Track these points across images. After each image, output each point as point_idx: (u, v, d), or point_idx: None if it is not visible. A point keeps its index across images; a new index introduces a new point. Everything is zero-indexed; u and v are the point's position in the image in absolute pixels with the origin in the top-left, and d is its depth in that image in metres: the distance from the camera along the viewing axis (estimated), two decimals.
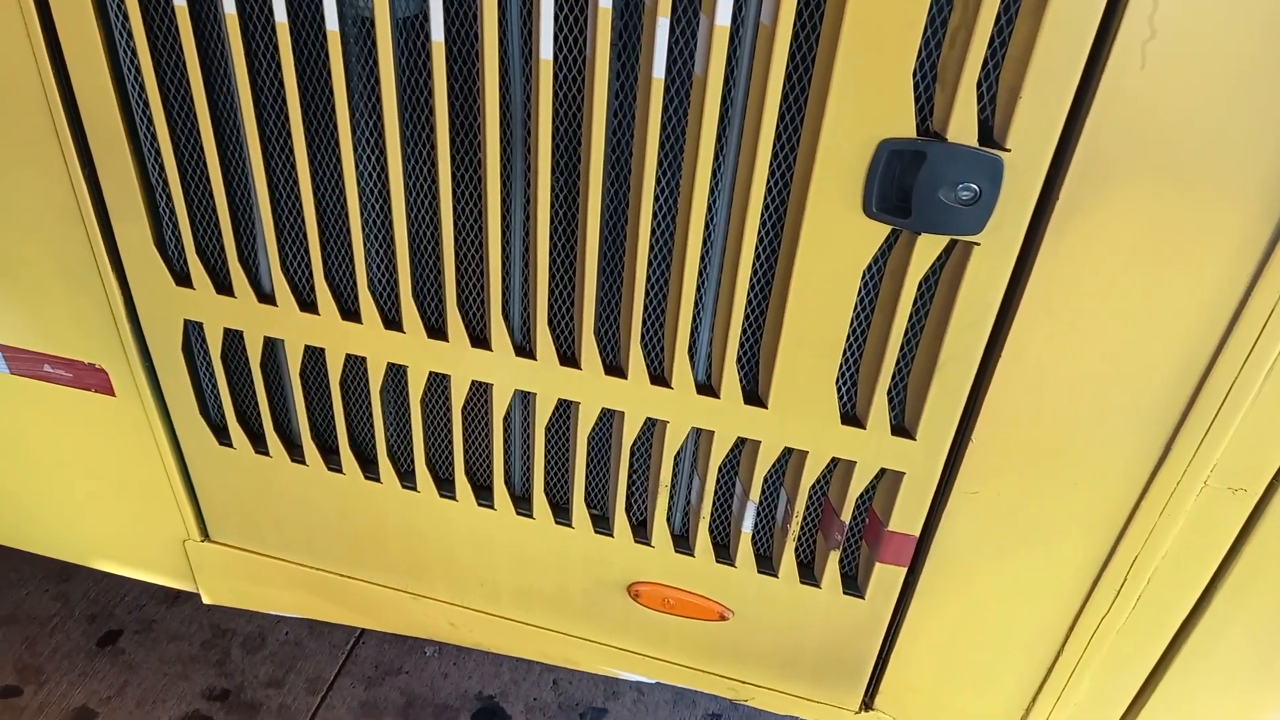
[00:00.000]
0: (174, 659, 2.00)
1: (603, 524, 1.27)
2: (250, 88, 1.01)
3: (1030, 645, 1.18)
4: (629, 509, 1.25)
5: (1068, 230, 0.86)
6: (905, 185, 0.86)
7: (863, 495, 1.12)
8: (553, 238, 1.04)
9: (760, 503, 1.17)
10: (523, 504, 1.29)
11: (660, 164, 0.95)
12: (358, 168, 1.04)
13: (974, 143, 0.83)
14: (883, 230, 0.90)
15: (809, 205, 0.90)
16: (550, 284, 1.07)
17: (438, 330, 1.14)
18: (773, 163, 0.91)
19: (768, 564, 1.23)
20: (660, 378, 1.09)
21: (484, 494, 1.29)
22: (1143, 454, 0.98)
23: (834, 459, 1.09)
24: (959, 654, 1.22)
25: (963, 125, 0.82)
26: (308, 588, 1.51)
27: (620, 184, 0.98)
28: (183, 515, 1.46)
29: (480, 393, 1.20)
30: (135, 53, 1.02)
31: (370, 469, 1.32)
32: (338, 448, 1.30)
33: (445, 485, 1.31)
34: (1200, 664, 1.12)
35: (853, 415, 1.05)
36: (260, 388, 1.26)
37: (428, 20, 0.92)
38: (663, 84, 0.89)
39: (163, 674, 1.97)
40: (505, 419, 1.19)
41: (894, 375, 1.00)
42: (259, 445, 1.34)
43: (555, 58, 0.92)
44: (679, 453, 1.15)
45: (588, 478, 1.24)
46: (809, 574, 1.22)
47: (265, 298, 1.17)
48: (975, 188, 0.84)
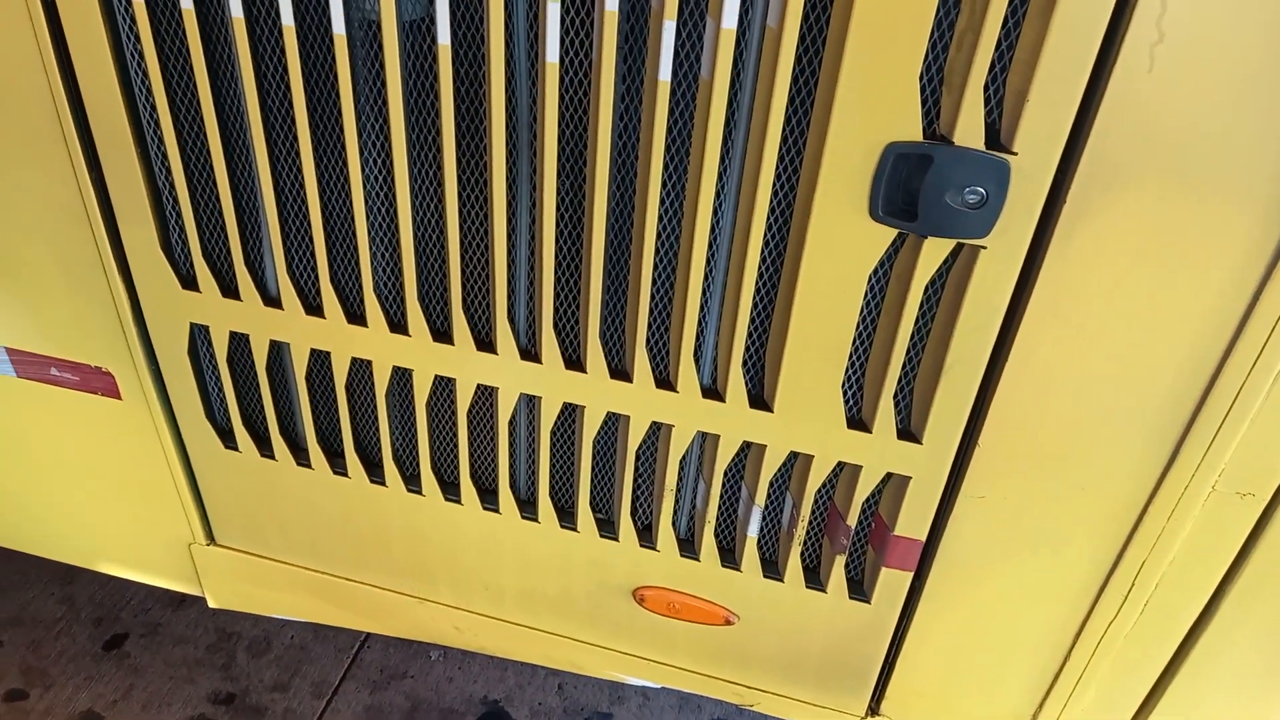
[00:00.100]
0: (179, 662, 2.00)
1: (608, 528, 1.27)
2: (256, 91, 1.01)
3: (1037, 650, 1.17)
4: (634, 513, 1.25)
5: (1075, 234, 0.86)
6: (912, 189, 0.86)
7: (869, 499, 1.12)
8: (558, 241, 1.04)
9: (766, 507, 1.17)
10: (528, 508, 1.29)
11: (666, 167, 0.95)
12: (363, 171, 1.04)
13: (981, 146, 0.82)
14: (889, 234, 0.90)
15: (815, 208, 0.90)
16: (556, 287, 1.07)
17: (443, 334, 1.14)
18: (779, 166, 0.91)
19: (773, 568, 1.23)
20: (666, 381, 1.09)
21: (489, 498, 1.29)
22: (1150, 458, 0.97)
23: (840, 463, 1.08)
24: (966, 658, 1.21)
25: (970, 128, 0.82)
26: (313, 591, 1.51)
27: (626, 187, 0.98)
28: (188, 518, 1.46)
29: (485, 396, 1.20)
30: (142, 55, 1.02)
31: (375, 473, 1.32)
32: (343, 451, 1.30)
33: (450, 489, 1.30)
34: (1208, 668, 1.12)
35: (859, 419, 1.05)
36: (266, 391, 1.26)
37: (434, 23, 0.92)
38: (669, 87, 0.89)
39: (168, 677, 1.97)
40: (510, 423, 1.19)
41: (900, 379, 1.00)
42: (264, 449, 1.34)
43: (561, 61, 0.92)
44: (684, 457, 1.15)
45: (593, 482, 1.24)
46: (815, 579, 1.21)
47: (271, 301, 1.17)
48: (982, 191, 0.84)
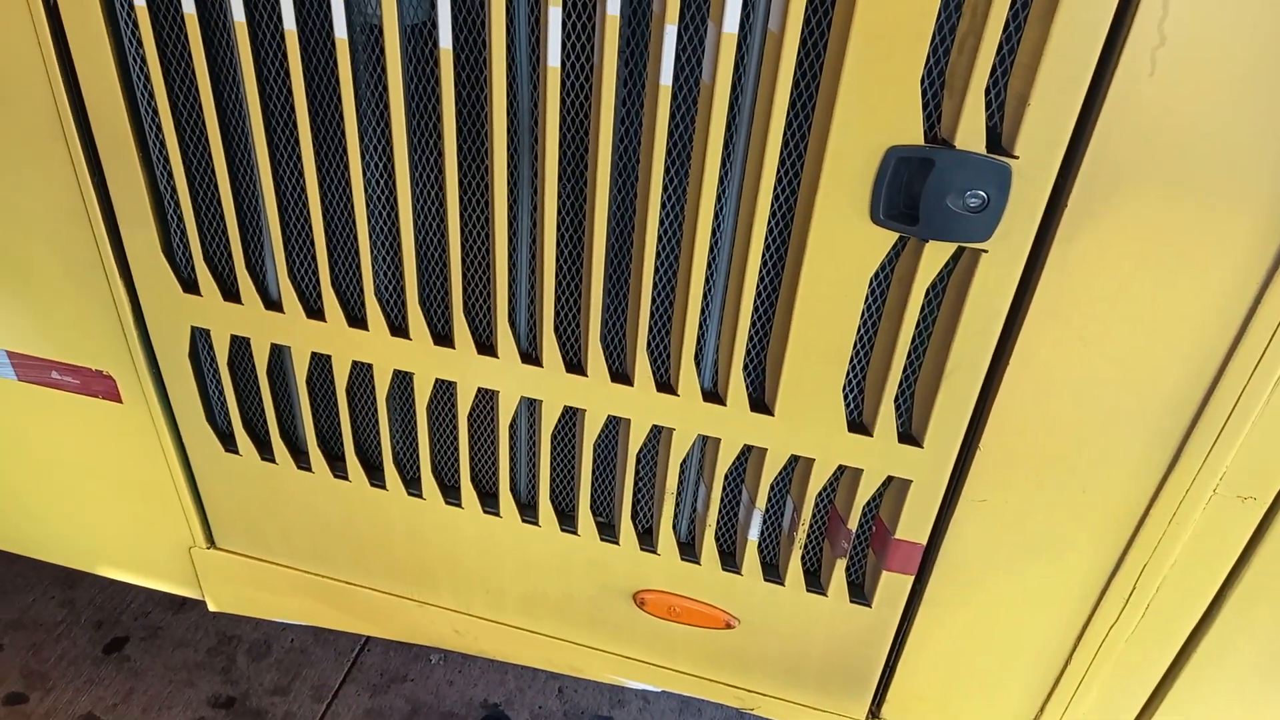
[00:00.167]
0: (180, 666, 2.00)
1: (608, 531, 1.27)
2: (258, 95, 1.01)
3: (1038, 654, 1.17)
4: (635, 516, 1.25)
5: (1076, 237, 0.86)
6: (913, 192, 0.86)
7: (870, 503, 1.12)
8: (559, 244, 1.04)
9: (766, 510, 1.17)
10: (528, 511, 1.29)
11: (667, 171, 0.95)
12: (365, 174, 1.04)
13: (982, 150, 0.82)
14: (890, 237, 0.90)
15: (816, 212, 0.90)
16: (557, 291, 1.07)
17: (444, 337, 1.14)
18: (780, 170, 0.91)
19: (774, 572, 1.23)
20: (666, 385, 1.09)
21: (489, 501, 1.29)
22: (1152, 461, 0.97)
23: (841, 466, 1.08)
24: (967, 662, 1.21)
25: (971, 132, 0.82)
26: (313, 595, 1.51)
27: (627, 191, 0.98)
28: (189, 522, 1.46)
29: (486, 400, 1.20)
30: (144, 59, 1.02)
31: (376, 476, 1.32)
32: (344, 455, 1.30)
33: (451, 492, 1.30)
34: (1210, 672, 1.12)
35: (860, 423, 1.05)
36: (267, 395, 1.26)
37: (436, 28, 0.92)
38: (670, 91, 0.89)
39: (168, 681, 1.97)
40: (511, 426, 1.19)
41: (901, 383, 1.00)
42: (265, 452, 1.34)
43: (563, 65, 0.92)
44: (685, 460, 1.15)
45: (593, 485, 1.24)
46: (815, 582, 1.21)
47: (272, 305, 1.17)
48: (983, 195, 0.84)
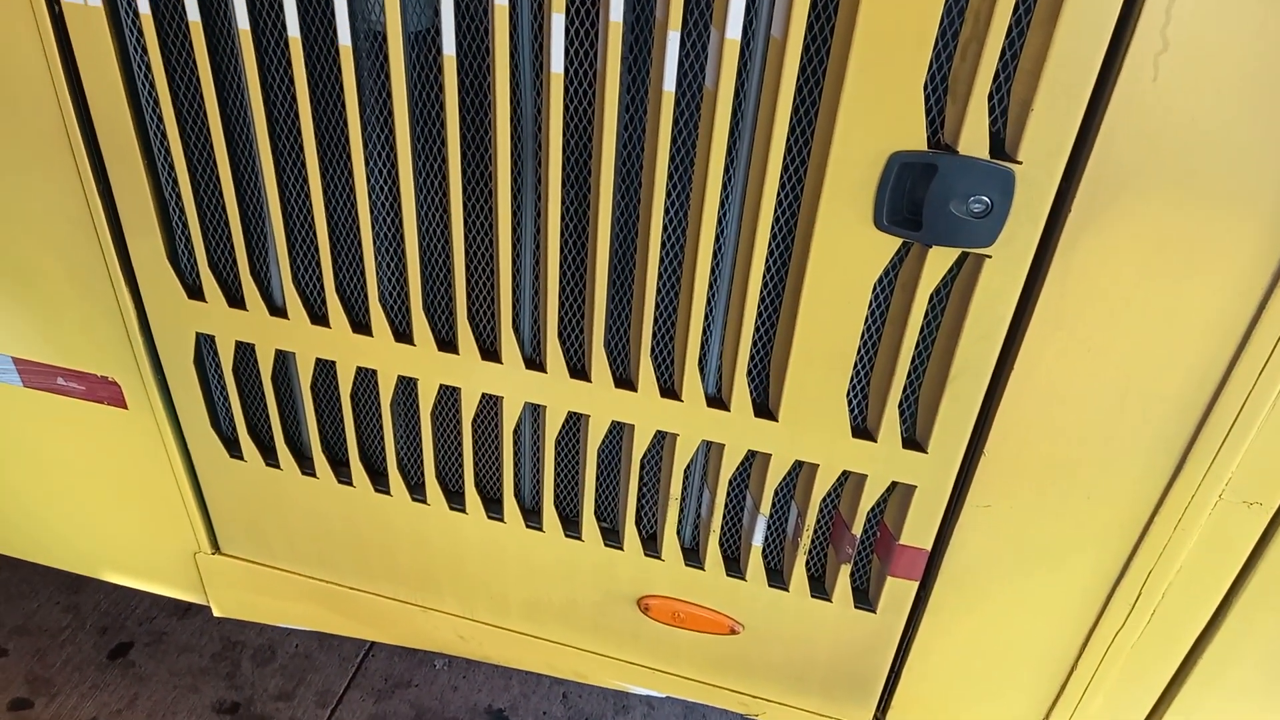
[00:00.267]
0: (184, 671, 2.00)
1: (612, 537, 1.26)
2: (263, 102, 1.01)
3: (1044, 660, 1.17)
4: (639, 522, 1.25)
5: (1080, 242, 0.85)
6: (916, 198, 0.86)
7: (874, 508, 1.11)
8: (563, 250, 1.04)
9: (771, 516, 1.17)
10: (532, 517, 1.28)
11: (670, 177, 0.95)
12: (369, 181, 1.04)
13: (985, 155, 0.82)
14: (894, 243, 0.90)
15: (819, 218, 0.90)
16: (560, 297, 1.07)
17: (448, 343, 1.14)
18: (783, 175, 0.91)
19: (778, 577, 1.22)
20: (670, 390, 1.09)
21: (494, 507, 1.29)
22: (1156, 467, 0.97)
23: (845, 472, 1.08)
24: (972, 668, 1.21)
25: (974, 138, 0.82)
26: (317, 600, 1.51)
27: (631, 197, 0.98)
28: (193, 527, 1.47)
29: (490, 405, 1.20)
30: (149, 66, 1.03)
31: (380, 482, 1.32)
32: (348, 460, 1.30)
33: (455, 498, 1.30)
34: (1216, 677, 1.11)
35: (864, 428, 1.05)
36: (271, 400, 1.26)
37: (439, 34, 0.92)
38: (673, 97, 0.89)
39: (173, 686, 1.96)
40: (515, 432, 1.19)
41: (905, 388, 1.00)
42: (270, 458, 1.34)
43: (566, 71, 0.92)
44: (689, 466, 1.15)
45: (597, 491, 1.24)
46: (820, 588, 1.21)
47: (277, 311, 1.17)
48: (987, 200, 0.84)
